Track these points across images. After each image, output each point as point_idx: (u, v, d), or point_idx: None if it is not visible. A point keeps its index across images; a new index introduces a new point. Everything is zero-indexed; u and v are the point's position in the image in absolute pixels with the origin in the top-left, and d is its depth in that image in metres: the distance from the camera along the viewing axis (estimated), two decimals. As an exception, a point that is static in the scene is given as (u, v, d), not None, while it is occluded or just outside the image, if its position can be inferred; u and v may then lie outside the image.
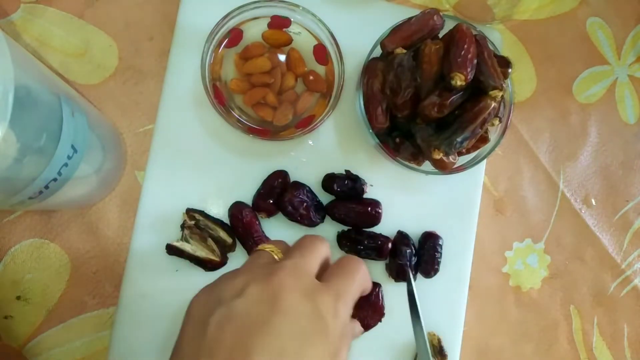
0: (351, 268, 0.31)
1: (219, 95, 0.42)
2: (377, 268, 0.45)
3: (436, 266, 0.45)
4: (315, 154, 0.46)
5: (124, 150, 0.45)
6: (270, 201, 0.43)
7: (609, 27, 0.53)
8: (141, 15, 0.46)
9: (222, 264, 0.43)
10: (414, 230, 0.46)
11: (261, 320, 0.26)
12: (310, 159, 0.46)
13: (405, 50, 0.40)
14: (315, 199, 0.45)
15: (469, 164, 0.43)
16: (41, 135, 0.30)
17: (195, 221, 0.43)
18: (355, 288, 0.30)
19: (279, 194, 0.44)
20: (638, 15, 0.54)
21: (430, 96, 0.39)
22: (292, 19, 0.43)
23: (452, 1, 0.50)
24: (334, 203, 0.45)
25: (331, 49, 0.43)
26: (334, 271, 0.31)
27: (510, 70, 0.39)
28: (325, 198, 0.45)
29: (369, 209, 0.44)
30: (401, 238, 0.45)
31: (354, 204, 0.44)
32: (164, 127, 0.44)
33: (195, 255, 0.42)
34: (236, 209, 0.43)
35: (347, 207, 0.44)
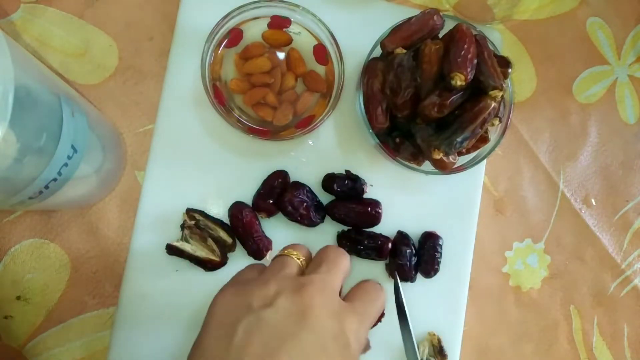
0: (374, 295, 0.33)
1: (219, 95, 0.42)
2: (377, 268, 0.45)
3: (436, 266, 0.45)
4: (315, 154, 0.46)
5: (124, 150, 0.45)
6: (270, 201, 0.43)
7: (609, 27, 0.53)
8: (141, 15, 0.46)
9: (222, 264, 0.43)
10: (414, 230, 0.46)
11: (289, 334, 0.27)
12: (310, 159, 0.46)
13: (405, 50, 0.40)
14: (315, 199, 0.45)
15: (469, 164, 0.43)
16: (41, 135, 0.30)
17: (195, 221, 0.43)
18: (376, 314, 0.33)
19: (279, 194, 0.44)
20: (638, 15, 0.54)
21: (430, 96, 0.39)
22: (292, 19, 0.43)
23: (452, 1, 0.50)
24: (334, 203, 0.45)
25: (331, 49, 0.43)
26: (358, 295, 0.33)
27: (510, 70, 0.39)
28: (325, 198, 0.45)
29: (369, 209, 0.44)
30: (401, 238, 0.45)
31: (354, 204, 0.44)
32: (164, 127, 0.44)
33: (195, 255, 0.42)
34: (236, 209, 0.43)
35: (347, 207, 0.44)
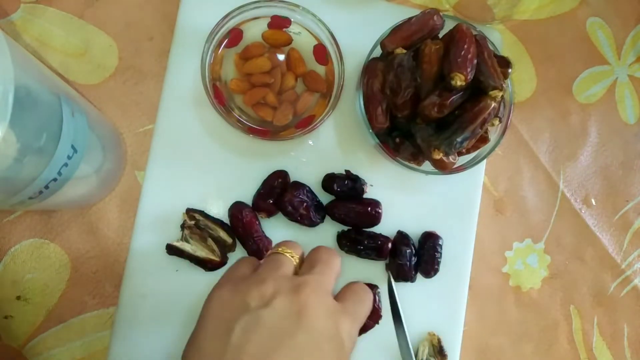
0: (364, 296, 0.34)
1: (219, 95, 0.42)
2: (377, 268, 0.45)
3: (436, 266, 0.45)
4: (315, 154, 0.46)
5: (124, 150, 0.45)
6: (270, 201, 0.43)
7: (609, 27, 0.53)
8: (141, 15, 0.46)
9: (222, 264, 0.43)
10: (414, 230, 0.46)
11: (287, 334, 0.28)
12: (310, 159, 0.46)
13: (405, 50, 0.40)
14: (315, 199, 0.45)
15: (469, 164, 0.43)
16: (41, 135, 0.30)
17: (195, 221, 0.43)
18: (365, 314, 0.33)
19: (279, 194, 0.44)
20: (638, 15, 0.54)
21: (430, 96, 0.39)
22: (292, 19, 0.43)
23: (452, 1, 0.50)
24: (334, 203, 0.45)
25: (331, 49, 0.43)
26: (348, 295, 0.34)
27: (510, 70, 0.39)
28: (325, 198, 0.45)
29: (369, 209, 0.44)
30: (401, 238, 0.45)
31: (354, 204, 0.44)
32: (164, 127, 0.44)
33: (195, 255, 0.42)
34: (236, 209, 0.43)
35: (347, 207, 0.44)
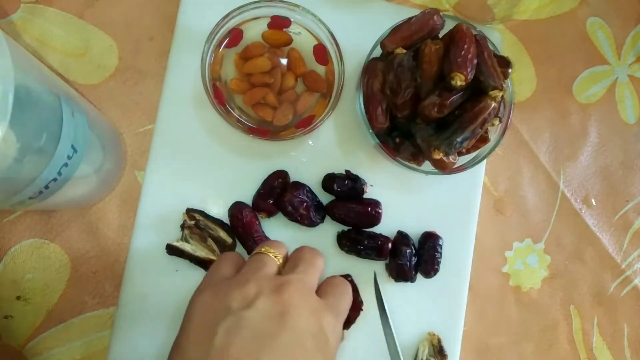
0: (344, 288, 0.34)
1: (219, 95, 0.42)
2: (377, 268, 0.45)
3: (436, 266, 0.45)
4: (315, 154, 0.46)
5: (124, 150, 0.45)
6: (270, 201, 0.43)
7: (609, 27, 0.53)
8: (141, 15, 0.46)
9: (222, 264, 0.43)
10: (414, 230, 0.46)
11: (270, 334, 0.28)
12: (310, 159, 0.46)
13: (405, 50, 0.40)
14: (315, 199, 0.45)
15: (469, 164, 0.43)
16: (41, 135, 0.30)
17: (195, 221, 0.43)
18: (347, 306, 0.33)
19: (279, 194, 0.44)
20: (638, 15, 0.54)
21: (430, 96, 0.39)
22: (292, 19, 0.43)
23: (452, 1, 0.50)
24: (334, 203, 0.45)
25: (331, 49, 0.43)
26: (329, 290, 0.33)
27: (510, 70, 0.39)
28: (325, 198, 0.45)
29: (369, 209, 0.44)
30: (401, 238, 0.45)
31: (354, 204, 0.44)
32: (164, 127, 0.44)
33: (195, 255, 0.42)
34: (236, 209, 0.43)
35: (347, 207, 0.44)
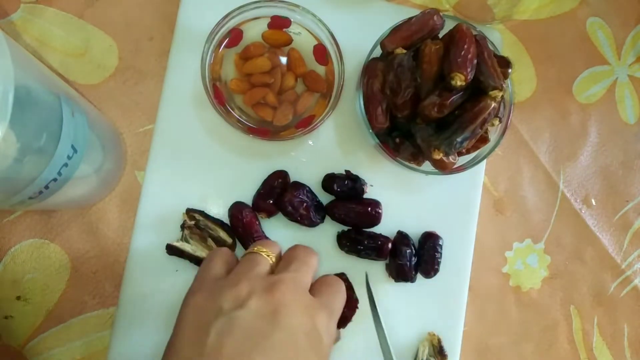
0: (337, 287, 0.34)
1: (219, 95, 0.42)
2: (377, 268, 0.45)
3: (436, 266, 0.45)
4: (315, 154, 0.46)
5: (124, 150, 0.45)
6: (270, 201, 0.43)
7: (609, 27, 0.53)
8: (141, 15, 0.46)
9: (222, 264, 0.43)
10: (414, 230, 0.46)
11: (262, 334, 0.27)
12: (310, 159, 0.46)
13: (405, 50, 0.40)
14: (315, 199, 0.45)
15: (469, 164, 0.43)
16: (41, 135, 0.30)
17: (195, 221, 0.43)
18: (341, 305, 0.33)
19: (279, 194, 0.44)
20: (638, 15, 0.54)
21: (430, 96, 0.39)
22: (292, 19, 0.43)
23: (452, 1, 0.50)
24: (334, 203, 0.45)
25: (331, 49, 0.43)
26: (323, 288, 0.33)
27: (510, 70, 0.39)
28: (325, 198, 0.45)
29: (369, 209, 0.44)
30: (401, 238, 0.45)
31: (354, 204, 0.44)
32: (164, 127, 0.44)
33: (195, 255, 0.42)
34: (236, 209, 0.43)
35: (347, 207, 0.44)
